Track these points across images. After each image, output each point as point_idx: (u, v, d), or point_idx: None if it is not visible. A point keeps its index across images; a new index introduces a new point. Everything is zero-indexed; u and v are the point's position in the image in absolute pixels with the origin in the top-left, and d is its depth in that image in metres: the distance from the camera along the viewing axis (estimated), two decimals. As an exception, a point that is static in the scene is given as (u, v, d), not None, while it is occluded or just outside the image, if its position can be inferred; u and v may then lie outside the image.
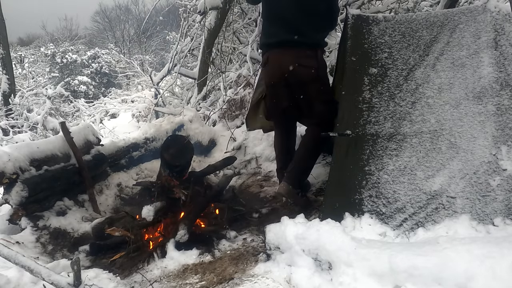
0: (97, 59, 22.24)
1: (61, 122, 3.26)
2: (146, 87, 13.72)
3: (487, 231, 1.98)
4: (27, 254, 2.30)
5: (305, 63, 2.55)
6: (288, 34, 2.55)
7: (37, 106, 9.52)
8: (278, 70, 2.62)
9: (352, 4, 4.39)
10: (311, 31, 2.55)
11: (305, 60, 2.56)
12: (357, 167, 2.21)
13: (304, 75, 2.57)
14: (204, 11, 4.70)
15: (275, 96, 2.76)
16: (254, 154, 4.00)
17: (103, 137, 6.16)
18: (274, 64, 2.64)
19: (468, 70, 2.21)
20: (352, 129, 2.24)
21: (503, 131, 2.12)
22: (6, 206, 2.79)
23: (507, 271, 1.52)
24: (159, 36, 25.59)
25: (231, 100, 4.80)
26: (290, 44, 2.55)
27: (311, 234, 1.97)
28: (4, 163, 2.63)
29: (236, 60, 5.99)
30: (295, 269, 1.95)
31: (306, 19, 2.52)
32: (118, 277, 2.20)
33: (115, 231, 2.51)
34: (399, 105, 2.23)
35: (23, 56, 21.00)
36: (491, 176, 2.07)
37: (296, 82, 2.60)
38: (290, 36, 2.54)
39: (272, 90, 2.77)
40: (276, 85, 2.69)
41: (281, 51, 2.59)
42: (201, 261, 2.36)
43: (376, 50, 2.29)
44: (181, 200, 2.76)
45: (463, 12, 2.29)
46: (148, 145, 3.96)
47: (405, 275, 1.66)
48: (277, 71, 2.62)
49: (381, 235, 2.07)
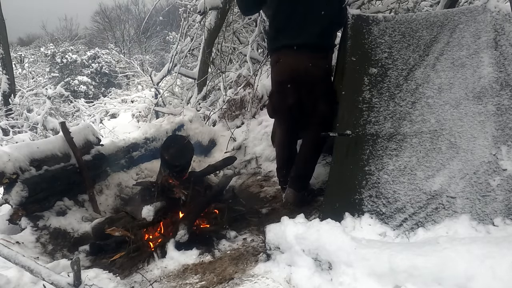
0: (97, 59, 22.25)
1: (61, 122, 3.26)
2: (146, 87, 13.72)
3: (487, 231, 1.98)
4: (27, 254, 2.30)
5: (318, 64, 2.67)
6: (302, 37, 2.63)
7: (37, 106, 9.52)
8: (288, 69, 2.71)
9: (352, 4, 4.38)
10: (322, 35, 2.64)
11: (318, 61, 2.67)
12: (357, 167, 2.21)
13: (316, 76, 2.69)
14: (204, 11, 4.70)
15: (282, 93, 2.83)
16: (254, 154, 4.00)
17: (103, 137, 6.15)
18: (286, 64, 2.72)
19: (468, 70, 2.21)
20: (352, 129, 2.24)
21: (503, 131, 2.12)
22: (6, 206, 2.79)
23: (507, 271, 1.52)
24: (159, 36, 25.60)
25: (231, 100, 4.80)
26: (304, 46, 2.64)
27: (311, 234, 1.97)
28: (4, 163, 2.63)
29: (236, 60, 5.99)
30: (295, 269, 1.95)
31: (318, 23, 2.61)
32: (118, 277, 2.20)
33: (115, 231, 2.50)
34: (399, 105, 2.23)
35: (23, 56, 20.99)
36: (491, 176, 2.07)
37: (307, 81, 2.70)
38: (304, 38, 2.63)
39: (280, 87, 2.84)
40: (285, 83, 2.77)
41: (294, 52, 2.67)
42: (201, 261, 2.36)
43: (376, 50, 2.29)
44: (181, 200, 2.76)
45: (463, 12, 2.29)
46: (148, 145, 3.95)
47: (405, 275, 1.66)
48: (288, 69, 2.72)
49: (381, 235, 2.07)
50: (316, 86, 2.71)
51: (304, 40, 2.63)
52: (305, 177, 2.93)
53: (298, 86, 2.73)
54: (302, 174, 2.89)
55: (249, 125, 4.30)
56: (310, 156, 2.90)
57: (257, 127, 4.28)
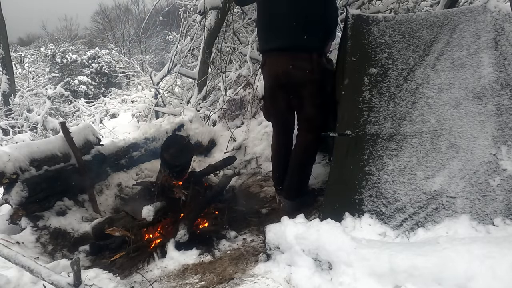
0: (97, 59, 22.21)
1: (61, 122, 3.26)
2: (146, 87, 13.69)
3: (487, 231, 1.98)
4: (27, 254, 2.30)
5: (299, 65, 2.58)
6: (282, 39, 2.59)
7: (37, 106, 9.52)
8: (274, 72, 2.67)
9: (352, 4, 4.39)
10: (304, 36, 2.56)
11: (299, 62, 2.58)
12: (357, 167, 2.21)
13: (298, 77, 2.60)
14: (204, 11, 4.70)
15: (272, 96, 2.80)
16: (254, 154, 4.00)
17: (103, 137, 6.16)
18: (271, 66, 2.70)
19: (468, 70, 2.21)
20: (352, 129, 2.24)
21: (503, 131, 2.12)
22: (6, 206, 2.79)
23: (507, 271, 1.53)
24: (159, 36, 25.58)
25: (231, 100, 4.80)
26: (286, 49, 2.60)
27: (311, 234, 1.97)
28: (4, 163, 2.63)
29: (236, 60, 5.99)
30: (295, 269, 1.95)
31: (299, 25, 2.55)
32: (118, 277, 2.20)
33: (115, 231, 2.51)
34: (399, 105, 2.23)
35: (23, 56, 20.99)
36: (491, 176, 2.07)
37: (290, 83, 2.64)
38: (285, 41, 2.59)
39: (268, 91, 2.82)
40: (273, 86, 2.74)
41: (277, 54, 2.65)
42: (201, 261, 2.36)
43: (376, 50, 2.29)
44: (181, 200, 2.76)
45: (463, 12, 2.28)
46: (148, 145, 3.95)
47: (405, 275, 1.66)
48: (273, 72, 2.68)
49: (381, 235, 2.07)
50: (301, 88, 2.63)
51: (285, 41, 2.58)
52: (295, 186, 2.83)
53: (284, 90, 2.69)
54: (292, 183, 2.81)
55: (249, 125, 4.30)
56: (297, 165, 2.79)
57: (257, 127, 4.28)
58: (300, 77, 2.59)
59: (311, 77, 2.59)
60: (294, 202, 2.79)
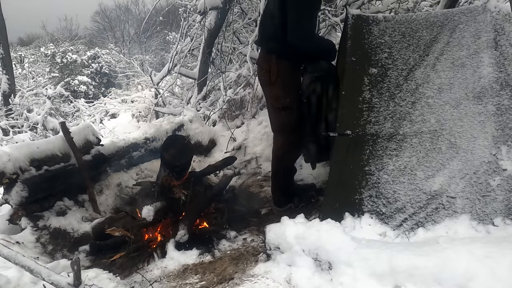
0: (97, 59, 22.21)
1: (61, 122, 3.26)
2: (146, 87, 13.68)
3: (487, 231, 1.98)
4: (27, 254, 2.30)
5: (262, 65, 2.64)
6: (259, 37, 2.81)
7: (37, 106, 9.51)
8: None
9: (352, 4, 4.39)
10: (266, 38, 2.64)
11: (262, 62, 2.65)
12: (357, 167, 2.21)
13: (260, 76, 2.72)
14: (204, 11, 4.70)
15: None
16: (254, 154, 4.00)
17: (103, 137, 6.15)
18: None
19: (468, 70, 2.21)
20: (352, 129, 2.24)
21: (503, 131, 2.12)
22: (6, 206, 2.79)
23: (507, 271, 1.53)
24: (159, 36, 25.54)
25: (231, 100, 4.80)
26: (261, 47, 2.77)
27: (311, 234, 1.97)
28: (4, 163, 2.63)
29: (236, 60, 5.98)
30: (295, 269, 1.95)
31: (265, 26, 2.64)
32: (118, 277, 2.20)
33: (115, 231, 2.51)
34: (399, 105, 2.23)
35: (23, 56, 20.96)
36: (491, 176, 2.07)
37: (261, 84, 2.75)
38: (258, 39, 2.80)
39: None
40: None
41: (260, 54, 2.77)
42: (201, 261, 2.36)
43: (376, 50, 2.29)
44: (181, 200, 2.76)
45: (463, 12, 2.28)
46: (148, 145, 3.95)
47: (405, 275, 1.66)
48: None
49: (381, 235, 2.07)
50: (265, 89, 2.72)
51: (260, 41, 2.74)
52: (279, 192, 2.85)
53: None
54: (277, 188, 2.85)
55: (249, 125, 4.30)
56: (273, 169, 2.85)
57: (257, 127, 4.28)
58: (261, 76, 2.68)
59: (269, 79, 2.56)
60: (282, 209, 2.80)
